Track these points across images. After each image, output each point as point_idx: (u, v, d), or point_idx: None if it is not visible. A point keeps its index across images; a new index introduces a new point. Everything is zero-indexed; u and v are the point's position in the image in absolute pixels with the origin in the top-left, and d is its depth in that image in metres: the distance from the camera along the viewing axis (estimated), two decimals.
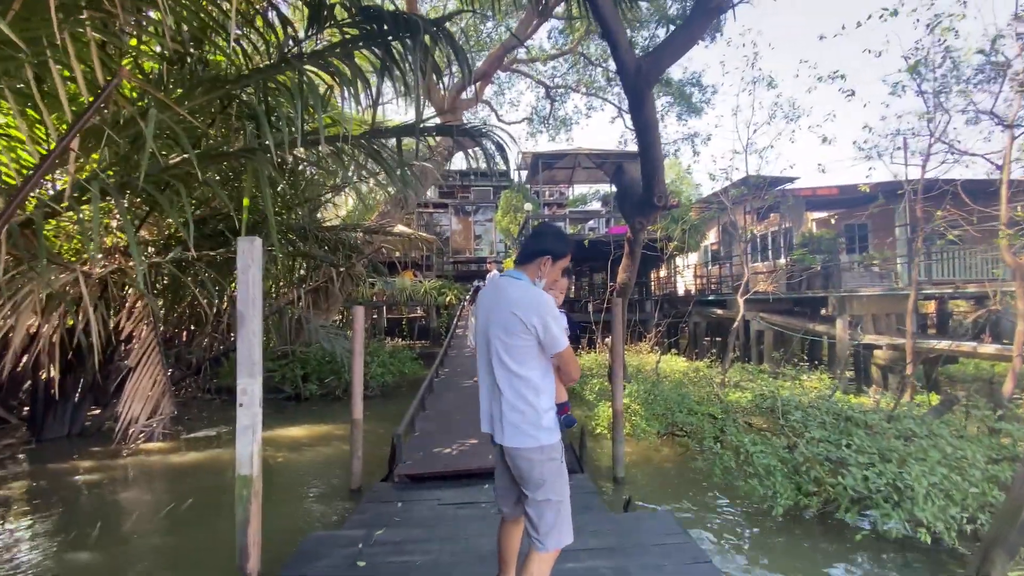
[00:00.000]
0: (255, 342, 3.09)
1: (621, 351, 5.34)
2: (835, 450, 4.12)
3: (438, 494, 4.18)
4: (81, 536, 4.35)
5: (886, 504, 3.69)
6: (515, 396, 2.00)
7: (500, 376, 2.03)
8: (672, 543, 3.05)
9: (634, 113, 4.87)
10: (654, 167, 4.74)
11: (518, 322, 1.96)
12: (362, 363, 5.23)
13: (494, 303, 2.08)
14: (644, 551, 2.96)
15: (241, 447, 3.03)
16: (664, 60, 4.69)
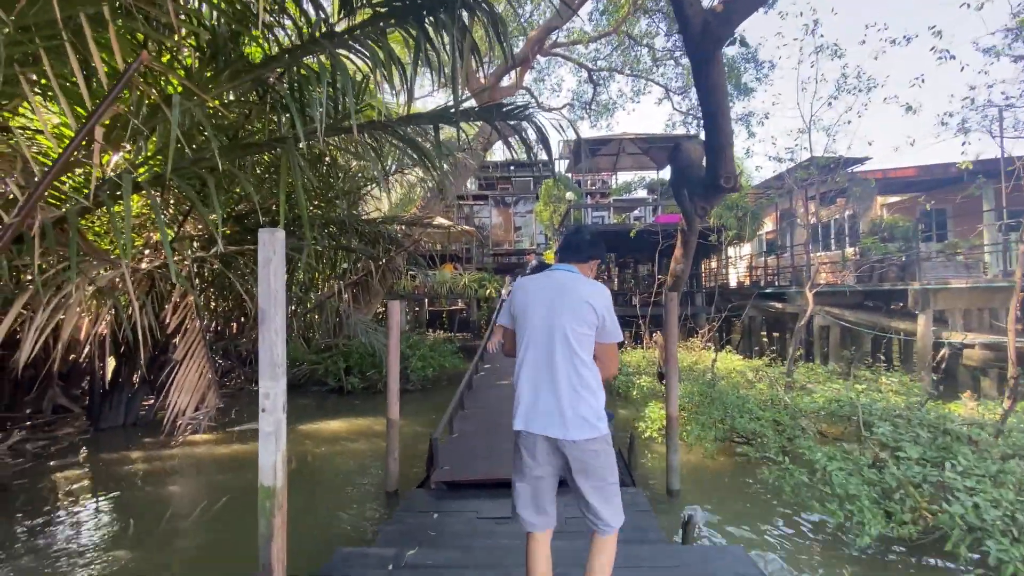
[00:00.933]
0: (278, 342, 2.86)
1: (675, 350, 4.86)
2: (936, 473, 3.51)
3: (476, 505, 3.88)
4: (122, 529, 4.36)
5: (1004, 539, 3.09)
6: (585, 387, 1.97)
7: (572, 367, 1.97)
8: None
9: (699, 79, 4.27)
10: (721, 143, 4.15)
11: (592, 312, 2.00)
12: (398, 360, 5.00)
13: (559, 295, 2.04)
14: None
15: (264, 456, 2.82)
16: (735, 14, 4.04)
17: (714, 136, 4.18)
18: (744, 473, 5.21)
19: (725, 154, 4.11)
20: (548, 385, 1.99)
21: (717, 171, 4.19)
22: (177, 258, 7.14)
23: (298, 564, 3.32)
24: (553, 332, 2.00)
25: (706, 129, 4.31)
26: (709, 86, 4.06)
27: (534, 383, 2.02)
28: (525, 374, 2.05)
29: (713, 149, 4.18)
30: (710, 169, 4.30)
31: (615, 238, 12.73)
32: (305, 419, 8.42)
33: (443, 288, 14.99)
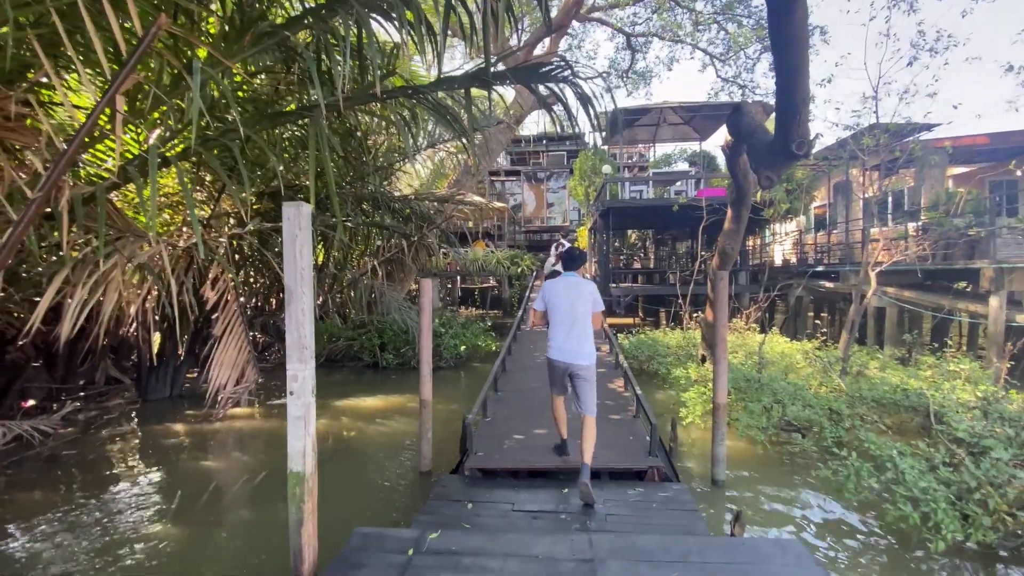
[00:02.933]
0: (305, 322, 2.72)
1: (725, 334, 4.51)
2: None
3: (511, 496, 3.72)
4: (164, 501, 4.45)
5: None
6: (588, 338, 3.76)
7: (582, 327, 3.74)
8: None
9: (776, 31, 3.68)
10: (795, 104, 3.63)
11: (590, 298, 3.76)
12: (430, 340, 4.86)
13: (576, 291, 3.79)
14: None
15: (293, 441, 2.71)
16: None
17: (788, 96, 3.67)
18: (795, 464, 4.87)
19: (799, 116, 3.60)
20: (566, 337, 3.76)
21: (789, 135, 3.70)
22: (213, 235, 7.19)
23: (329, 544, 3.25)
24: (572, 310, 3.75)
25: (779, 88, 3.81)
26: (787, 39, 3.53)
27: (560, 336, 3.79)
28: (555, 332, 3.82)
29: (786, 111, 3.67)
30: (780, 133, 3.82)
31: (653, 213, 12.20)
32: (341, 395, 8.50)
33: (475, 266, 14.83)
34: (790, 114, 3.63)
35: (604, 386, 6.02)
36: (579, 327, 3.70)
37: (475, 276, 15.68)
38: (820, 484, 4.38)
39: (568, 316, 3.73)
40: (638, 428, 4.70)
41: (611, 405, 5.36)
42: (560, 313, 3.76)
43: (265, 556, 3.59)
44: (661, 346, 9.06)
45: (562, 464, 4.07)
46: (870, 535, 3.65)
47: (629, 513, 3.45)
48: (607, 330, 7.93)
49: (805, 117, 3.64)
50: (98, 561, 3.53)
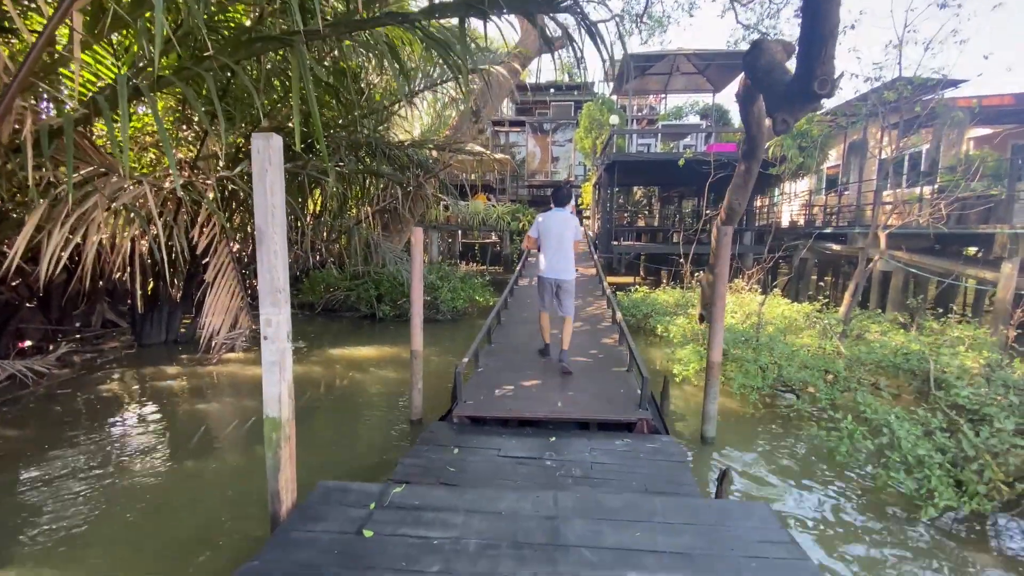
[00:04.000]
0: (278, 264, 2.57)
1: (724, 291, 4.36)
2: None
3: (498, 442, 3.70)
4: (155, 443, 4.47)
5: None
6: (571, 260, 4.82)
7: (566, 252, 4.77)
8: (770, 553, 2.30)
9: None
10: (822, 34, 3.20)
11: (575, 230, 4.77)
12: (421, 290, 4.73)
13: (563, 223, 4.75)
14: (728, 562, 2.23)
15: (268, 386, 2.62)
16: None
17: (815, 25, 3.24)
18: (787, 425, 4.84)
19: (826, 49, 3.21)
20: (555, 259, 4.77)
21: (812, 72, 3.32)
22: (201, 177, 6.94)
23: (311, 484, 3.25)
24: (561, 238, 4.72)
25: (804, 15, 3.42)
26: None
27: (550, 258, 4.79)
28: (546, 255, 4.82)
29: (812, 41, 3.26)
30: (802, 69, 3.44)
31: (660, 169, 11.77)
32: (337, 343, 8.49)
33: (475, 219, 14.54)
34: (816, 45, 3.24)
35: (599, 340, 5.94)
36: (564, 251, 4.78)
37: (475, 231, 15.40)
38: (811, 446, 4.35)
39: (557, 242, 4.76)
40: (631, 382, 4.65)
41: (604, 359, 5.30)
42: (551, 240, 4.79)
43: (252, 499, 3.61)
44: (659, 305, 8.95)
45: (552, 412, 4.03)
46: (856, 498, 3.63)
47: (616, 462, 3.43)
48: (605, 285, 7.81)
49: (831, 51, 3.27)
50: (84, 500, 3.55)
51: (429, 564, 2.17)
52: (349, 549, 2.27)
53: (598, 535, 2.39)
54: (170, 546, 3.08)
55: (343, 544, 2.30)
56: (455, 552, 2.25)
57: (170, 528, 3.26)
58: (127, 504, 3.51)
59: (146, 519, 3.36)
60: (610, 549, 2.29)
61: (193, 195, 6.85)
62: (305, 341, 8.57)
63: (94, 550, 3.03)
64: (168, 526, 3.28)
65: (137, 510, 3.46)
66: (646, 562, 2.21)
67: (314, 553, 2.24)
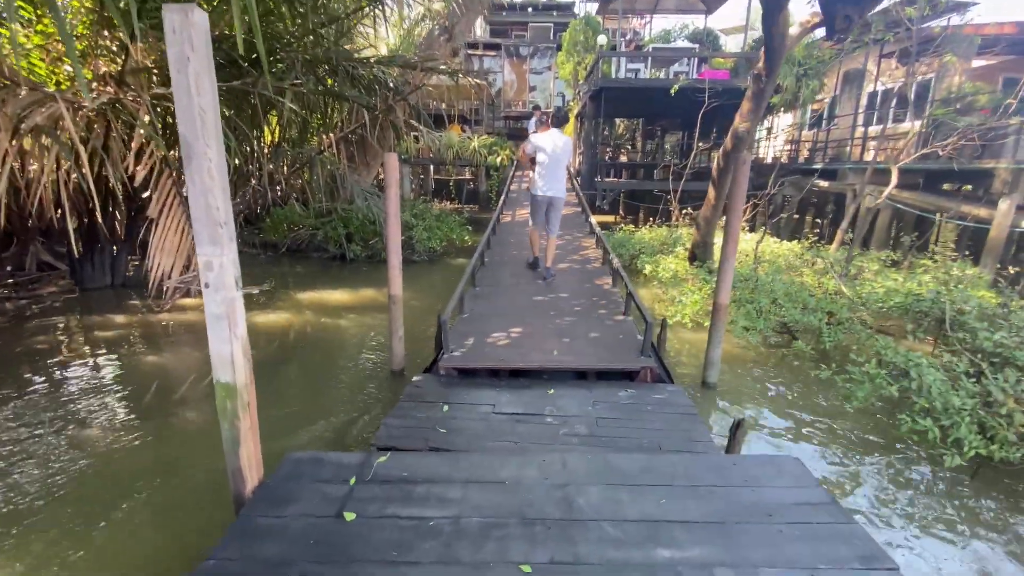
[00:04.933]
0: (215, 189, 1.97)
1: (739, 228, 3.96)
2: None
3: (492, 397, 3.34)
4: (99, 401, 3.95)
5: None
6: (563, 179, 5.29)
7: (561, 171, 5.21)
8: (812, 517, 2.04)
9: None
10: None
11: (569, 150, 5.19)
12: (399, 228, 4.16)
13: (561, 144, 5.10)
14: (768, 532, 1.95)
15: (216, 345, 2.11)
16: None
17: None
18: (790, 368, 4.66)
19: None
20: (551, 177, 5.17)
21: None
22: (131, 95, 5.93)
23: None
24: (556, 158, 5.08)
25: None
26: None
27: (547, 177, 5.17)
28: (543, 174, 5.18)
29: None
30: None
31: (649, 97, 10.99)
32: (305, 286, 7.88)
33: (449, 153, 13.58)
34: None
35: (592, 284, 5.56)
36: (559, 171, 5.17)
37: (449, 166, 14.46)
38: (817, 389, 4.17)
39: (553, 161, 5.09)
40: (629, 328, 4.32)
41: (599, 303, 4.93)
42: (547, 159, 5.10)
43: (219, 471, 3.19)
44: (646, 244, 8.59)
45: (547, 363, 3.68)
46: (868, 444, 3.47)
47: (622, 416, 3.13)
48: (593, 223, 7.35)
49: None
50: (18, 472, 3.06)
51: (425, 552, 1.81)
52: (327, 537, 1.88)
53: (618, 505, 2.08)
54: (121, 529, 2.67)
55: (320, 531, 1.91)
56: (455, 534, 1.90)
57: (120, 507, 2.83)
58: (69, 478, 3.04)
59: (94, 496, 2.91)
60: (634, 522, 1.98)
61: (124, 117, 5.89)
62: (270, 284, 7.92)
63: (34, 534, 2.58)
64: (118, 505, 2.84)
65: (81, 484, 3.00)
66: (677, 536, 1.91)
67: (284, 545, 1.84)
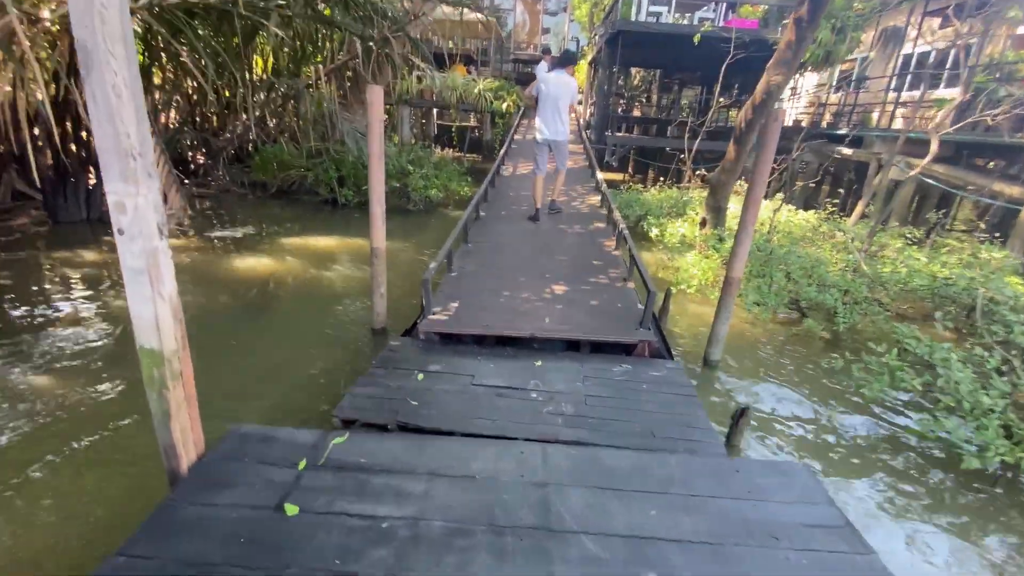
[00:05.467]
0: (123, 110, 1.57)
1: (761, 194, 3.55)
2: None
3: (473, 366, 3.04)
4: (62, 348, 3.67)
5: None
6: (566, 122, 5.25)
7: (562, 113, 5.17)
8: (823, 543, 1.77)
9: None
10: None
11: (572, 93, 5.12)
12: (382, 172, 3.74)
13: (563, 84, 5.04)
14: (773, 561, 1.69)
15: (136, 305, 1.77)
16: None
17: None
18: (798, 349, 4.36)
19: None
20: (552, 120, 5.20)
21: None
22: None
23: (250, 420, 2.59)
24: (557, 99, 5.10)
25: None
26: None
27: (547, 120, 5.22)
28: (543, 116, 5.24)
29: None
30: None
31: (670, 45, 10.12)
32: (292, 231, 7.49)
33: (453, 95, 12.76)
34: None
35: (594, 245, 5.17)
36: (561, 114, 5.17)
37: (452, 110, 13.66)
38: (827, 374, 3.89)
39: (554, 104, 5.11)
40: (629, 296, 3.98)
41: (599, 268, 4.56)
42: (549, 101, 5.11)
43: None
44: (654, 205, 8.12)
45: (536, 331, 3.37)
46: (880, 441, 3.22)
47: (614, 395, 2.85)
48: (600, 181, 6.87)
49: None
50: None
51: (374, 562, 1.55)
52: (261, 535, 1.62)
53: (603, 514, 1.81)
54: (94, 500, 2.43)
55: (253, 527, 1.64)
56: (412, 541, 1.63)
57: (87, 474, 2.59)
58: (30, 437, 2.79)
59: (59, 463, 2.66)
60: (620, 537, 1.72)
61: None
62: (255, 227, 7.52)
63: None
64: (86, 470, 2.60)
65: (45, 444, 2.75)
66: (670, 557, 1.65)
67: (208, 542, 1.58)
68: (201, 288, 5.15)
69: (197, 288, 5.13)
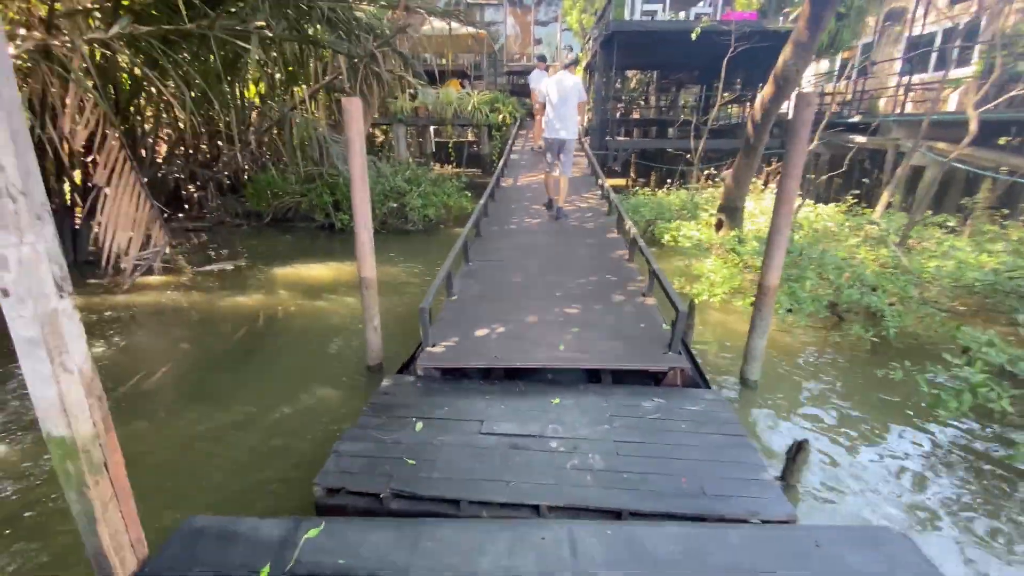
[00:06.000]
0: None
1: (794, 190, 3.14)
2: None
3: (481, 409, 2.63)
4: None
5: None
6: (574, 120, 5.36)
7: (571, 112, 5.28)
8: None
9: None
10: None
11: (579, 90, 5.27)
12: (367, 194, 3.38)
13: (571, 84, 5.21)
14: None
15: (34, 384, 1.40)
16: None
17: None
18: (841, 357, 3.90)
19: None
20: (561, 120, 5.31)
21: None
22: (63, 41, 5.03)
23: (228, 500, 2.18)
24: (566, 99, 5.24)
25: None
26: None
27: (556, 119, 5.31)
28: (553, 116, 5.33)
29: None
30: None
31: (668, 44, 9.80)
32: (284, 260, 7.15)
33: (448, 111, 12.51)
34: None
35: (605, 257, 4.76)
36: (570, 112, 5.26)
37: (448, 125, 13.40)
38: (885, 388, 3.43)
39: (562, 104, 5.21)
40: (651, 314, 3.55)
41: (614, 282, 4.15)
42: (556, 101, 5.22)
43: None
44: (663, 208, 7.71)
45: (550, 361, 2.95)
46: (971, 478, 2.75)
47: (648, 440, 2.42)
48: (606, 187, 6.48)
49: None
50: None
51: None
52: None
53: None
54: None
55: None
56: None
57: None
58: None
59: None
60: None
61: (56, 67, 5.02)
62: (248, 259, 7.19)
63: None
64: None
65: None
66: None
67: None
68: (184, 330, 4.80)
69: (179, 330, 4.78)
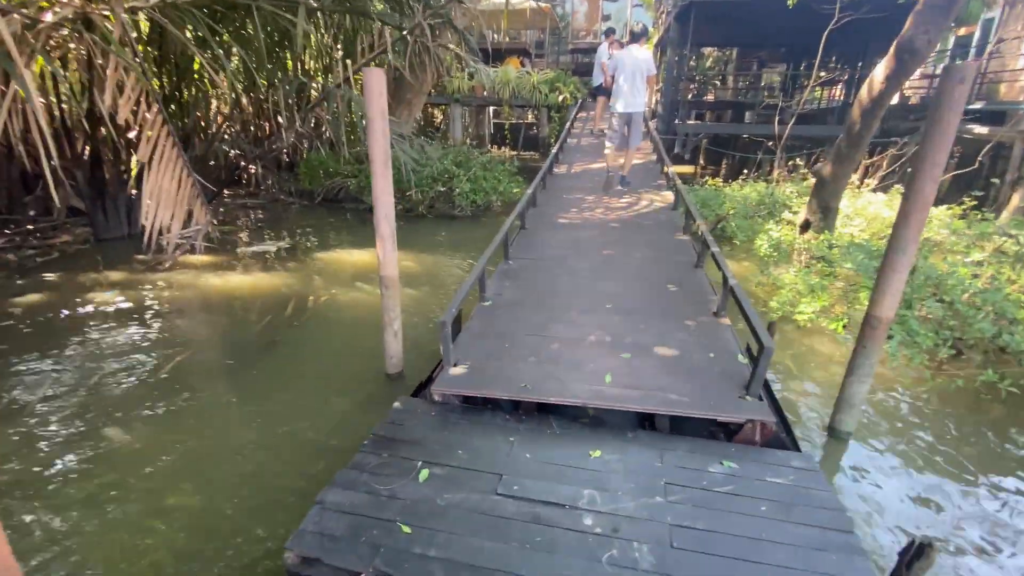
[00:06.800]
0: None
1: (931, 196, 2.37)
2: None
3: (502, 458, 2.14)
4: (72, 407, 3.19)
5: None
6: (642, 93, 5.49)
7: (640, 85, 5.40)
8: None
9: None
10: None
11: (650, 62, 5.41)
12: (390, 180, 2.93)
13: (639, 57, 5.32)
14: None
15: None
16: None
17: None
18: (966, 406, 3.09)
19: None
20: (631, 93, 5.43)
21: None
22: (101, 8, 4.89)
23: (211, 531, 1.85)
24: (635, 73, 5.35)
25: None
26: None
27: (625, 93, 5.44)
28: (622, 90, 5.45)
29: None
30: None
31: (749, 16, 8.67)
32: (328, 244, 6.96)
33: (505, 90, 11.90)
34: None
35: (669, 260, 4.06)
36: (638, 86, 5.42)
37: (506, 105, 12.80)
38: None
39: (631, 77, 5.37)
40: (724, 339, 2.87)
41: (677, 294, 3.46)
42: (626, 75, 5.37)
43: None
44: (737, 203, 6.82)
45: (592, 399, 2.39)
46: None
47: (717, 528, 1.82)
48: (673, 177, 5.72)
49: None
50: None
51: None
52: None
53: None
54: None
55: None
56: None
57: None
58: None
59: None
60: None
61: (96, 39, 4.91)
62: (291, 240, 7.06)
63: None
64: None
65: None
66: None
67: None
68: (207, 317, 4.65)
69: (201, 317, 4.64)
